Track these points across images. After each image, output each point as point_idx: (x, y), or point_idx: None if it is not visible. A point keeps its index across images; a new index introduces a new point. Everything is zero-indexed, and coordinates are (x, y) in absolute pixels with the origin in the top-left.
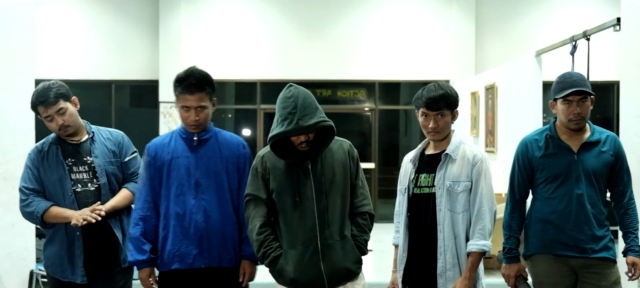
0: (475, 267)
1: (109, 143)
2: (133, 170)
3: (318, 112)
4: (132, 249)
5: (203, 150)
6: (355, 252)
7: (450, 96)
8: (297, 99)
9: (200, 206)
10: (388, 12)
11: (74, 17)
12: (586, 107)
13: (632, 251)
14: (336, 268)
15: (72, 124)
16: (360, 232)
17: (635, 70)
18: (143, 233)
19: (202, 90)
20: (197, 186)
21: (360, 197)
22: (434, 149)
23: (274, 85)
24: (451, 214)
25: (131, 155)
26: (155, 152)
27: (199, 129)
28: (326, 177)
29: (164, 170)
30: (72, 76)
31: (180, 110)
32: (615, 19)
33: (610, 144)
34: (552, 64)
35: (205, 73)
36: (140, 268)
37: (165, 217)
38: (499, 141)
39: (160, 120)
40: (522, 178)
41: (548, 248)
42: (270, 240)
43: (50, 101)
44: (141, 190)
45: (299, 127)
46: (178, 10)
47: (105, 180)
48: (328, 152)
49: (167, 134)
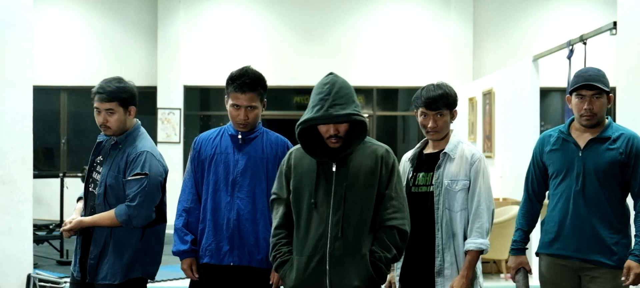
0: (472, 266)
1: (121, 156)
2: (129, 192)
3: (353, 105)
4: (176, 240)
5: (247, 149)
6: (367, 270)
7: (449, 96)
8: (333, 86)
9: (233, 204)
10: (386, 18)
11: (73, 23)
12: (600, 103)
13: (632, 255)
14: (342, 285)
15: (113, 127)
16: (381, 249)
17: (631, 74)
18: (185, 224)
19: (255, 90)
20: (234, 184)
21: (390, 209)
22: (432, 148)
23: (272, 91)
24: (449, 213)
25: (134, 176)
26: (200, 146)
27: (247, 128)
28: (348, 182)
29: (206, 165)
30: (70, 82)
31: (230, 108)
32: (611, 22)
33: (623, 141)
34: (549, 70)
35: (259, 73)
36: (182, 258)
37: (204, 211)
38: (497, 146)
39: (159, 126)
40: (535, 173)
41: (547, 248)
42: (281, 243)
43: (102, 97)
44: (186, 182)
45: (328, 115)
46: (177, 16)
47: (102, 190)
48: (357, 156)
49: (216, 129)
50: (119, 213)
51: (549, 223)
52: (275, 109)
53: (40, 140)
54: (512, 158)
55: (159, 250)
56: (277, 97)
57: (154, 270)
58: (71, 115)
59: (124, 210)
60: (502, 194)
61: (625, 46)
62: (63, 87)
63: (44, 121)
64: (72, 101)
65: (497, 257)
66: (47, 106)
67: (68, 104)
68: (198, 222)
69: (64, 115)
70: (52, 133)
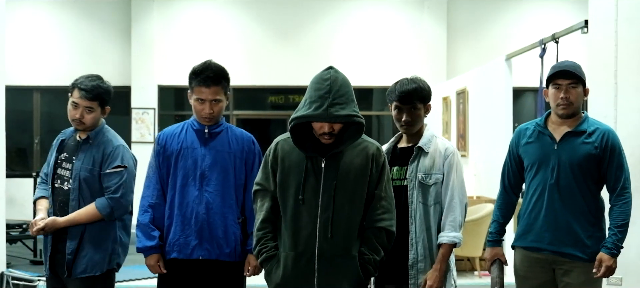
0: (446, 259)
1: (95, 150)
2: (110, 185)
3: (352, 105)
4: (140, 236)
5: (213, 143)
6: (357, 273)
7: (423, 90)
8: (335, 83)
9: (202, 198)
10: (360, 18)
11: (45, 22)
12: (576, 93)
13: (604, 247)
14: (331, 287)
15: (87, 124)
16: (370, 251)
17: (602, 72)
18: (152, 220)
19: (218, 83)
20: (202, 178)
21: (379, 210)
22: (406, 143)
23: (246, 91)
24: (423, 206)
25: (114, 168)
26: (165, 141)
27: (212, 121)
28: (338, 181)
29: (172, 160)
30: (42, 82)
31: (195, 102)
32: (583, 21)
33: (598, 136)
34: (522, 70)
35: (221, 66)
36: (148, 254)
37: (170, 207)
38: (471, 145)
39: (133, 126)
40: (511, 165)
41: (521, 240)
42: (267, 238)
43: (85, 94)
44: (151, 177)
45: (329, 114)
46: (150, 16)
47: (76, 185)
48: (348, 153)
49: (179, 124)
50: (101, 206)
51: (523, 216)
52: (250, 108)
53: (13, 140)
54: (486, 157)
55: (127, 241)
56: (251, 97)
57: (123, 260)
58: (44, 116)
59: (106, 203)
60: (476, 192)
61: (596, 44)
62: (36, 87)
63: (17, 121)
64: (46, 101)
65: (472, 255)
66: (20, 106)
67: (41, 104)
68: (163, 218)
69: (37, 115)
70: (25, 133)
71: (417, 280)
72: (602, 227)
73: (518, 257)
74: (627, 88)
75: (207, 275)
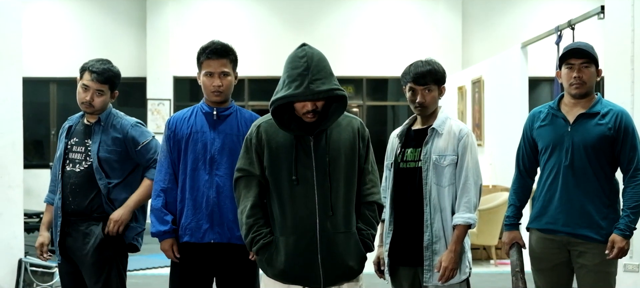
0: (460, 240)
1: (112, 130)
2: (149, 157)
3: (332, 79)
4: (154, 220)
5: (222, 126)
6: (359, 248)
7: (438, 72)
8: (311, 59)
9: (213, 182)
10: (375, 8)
11: (62, 14)
12: (589, 72)
13: (617, 229)
14: (336, 265)
15: (97, 107)
16: (366, 226)
17: (619, 58)
18: (164, 205)
19: (226, 56)
20: (212, 162)
21: (369, 184)
22: (420, 124)
23: (261, 82)
24: (437, 188)
25: (143, 144)
26: (175, 126)
27: (221, 97)
28: (330, 157)
29: (183, 144)
30: (59, 73)
31: (203, 78)
32: (599, 7)
33: (611, 117)
34: (538, 60)
35: (228, 43)
36: (162, 239)
37: (182, 191)
38: (486, 134)
39: (149, 117)
40: (525, 149)
41: (536, 222)
42: (260, 224)
43: (96, 77)
44: (162, 162)
45: (310, 91)
46: (165, 7)
47: (97, 164)
48: (335, 129)
49: (189, 109)
50: (153, 175)
51: (538, 199)
52: (264, 99)
53: (29, 131)
54: (502, 145)
55: (143, 223)
56: (266, 87)
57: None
58: (61, 107)
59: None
60: (492, 181)
61: (612, 30)
62: (52, 78)
63: (34, 113)
64: (62, 93)
65: (487, 243)
66: (37, 98)
67: (57, 96)
68: (176, 202)
69: (54, 106)
70: (41, 124)
71: (432, 262)
72: (616, 208)
73: (533, 239)
74: None
75: (220, 258)
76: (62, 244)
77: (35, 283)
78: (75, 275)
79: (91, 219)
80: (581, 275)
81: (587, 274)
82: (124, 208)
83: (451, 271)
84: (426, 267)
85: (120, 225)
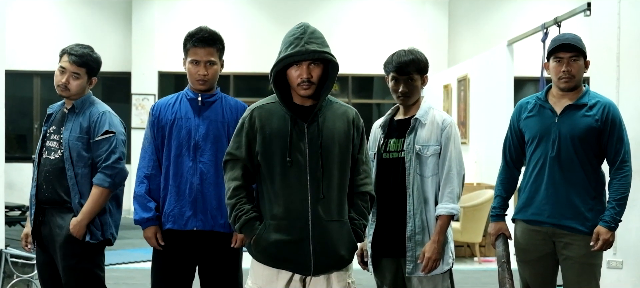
0: (444, 230)
1: (82, 118)
2: (100, 153)
3: (328, 48)
4: (137, 207)
5: (206, 113)
6: (351, 238)
7: (421, 61)
8: (308, 28)
9: (196, 168)
10: (362, 6)
11: (46, 7)
12: (577, 66)
13: (602, 221)
14: (328, 253)
15: (72, 91)
16: (358, 216)
17: (605, 55)
18: (147, 192)
19: (213, 45)
20: (196, 149)
21: (362, 174)
22: (403, 115)
23: (247, 78)
24: (420, 178)
25: (102, 135)
26: (159, 111)
27: (206, 85)
28: (324, 144)
29: (167, 130)
30: (43, 67)
31: (189, 66)
32: (585, 4)
33: (598, 109)
34: (524, 59)
35: (216, 31)
36: (145, 226)
37: (165, 177)
38: (471, 132)
39: (133, 112)
40: (512, 139)
41: (521, 213)
42: (242, 202)
43: (74, 59)
44: (146, 148)
45: (307, 50)
46: (151, 1)
47: (67, 154)
48: (329, 116)
49: (174, 95)
50: (99, 181)
51: (524, 190)
52: (250, 95)
53: (12, 125)
54: (487, 144)
55: (118, 215)
56: (253, 84)
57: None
58: (44, 101)
59: (102, 176)
60: (476, 179)
61: (599, 27)
62: (36, 72)
63: (17, 106)
64: (46, 86)
65: (471, 241)
66: (20, 92)
67: (41, 89)
68: (159, 189)
69: (37, 100)
70: (25, 118)
71: (415, 253)
72: (602, 200)
73: (518, 230)
74: (629, 71)
75: (203, 246)
76: (37, 233)
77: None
78: (51, 265)
79: (64, 209)
80: (566, 266)
81: (572, 266)
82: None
83: (434, 262)
84: (409, 257)
85: (79, 236)
